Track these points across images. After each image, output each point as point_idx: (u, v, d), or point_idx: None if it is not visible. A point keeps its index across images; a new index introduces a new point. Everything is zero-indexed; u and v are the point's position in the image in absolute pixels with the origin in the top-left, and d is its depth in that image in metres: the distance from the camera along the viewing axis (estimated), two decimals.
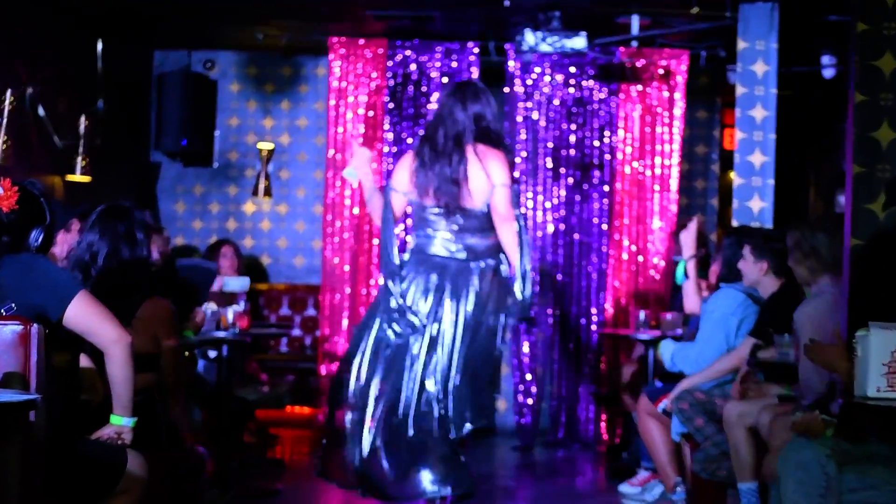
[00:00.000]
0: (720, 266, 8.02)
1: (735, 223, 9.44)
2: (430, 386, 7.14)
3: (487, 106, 7.41)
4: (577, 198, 10.74)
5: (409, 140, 10.72)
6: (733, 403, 6.70)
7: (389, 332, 7.25)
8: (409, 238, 7.72)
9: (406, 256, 7.41)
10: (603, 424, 10.69)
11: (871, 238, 5.42)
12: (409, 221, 8.13)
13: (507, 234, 7.30)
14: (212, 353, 8.59)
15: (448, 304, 7.24)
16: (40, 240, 4.83)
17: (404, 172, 7.42)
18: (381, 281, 7.45)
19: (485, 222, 7.33)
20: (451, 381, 7.14)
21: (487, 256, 7.36)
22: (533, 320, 8.92)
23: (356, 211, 10.70)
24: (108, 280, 5.67)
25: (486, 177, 7.26)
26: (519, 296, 7.27)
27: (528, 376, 10.71)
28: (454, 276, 7.29)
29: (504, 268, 7.41)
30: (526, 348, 10.69)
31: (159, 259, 7.65)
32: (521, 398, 10.71)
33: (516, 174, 10.40)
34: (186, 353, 7.30)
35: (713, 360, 7.44)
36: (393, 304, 7.24)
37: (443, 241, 7.34)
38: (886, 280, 5.20)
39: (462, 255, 7.30)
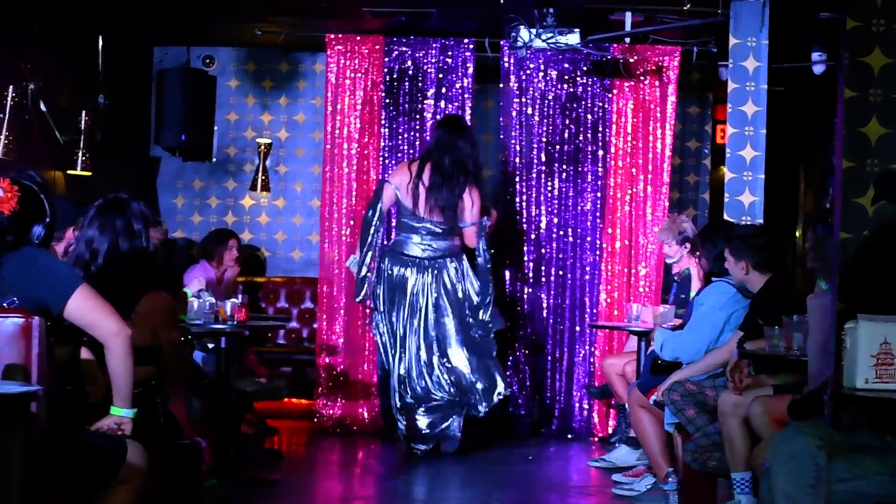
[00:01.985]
0: (707, 266, 8.17)
1: (726, 217, 9.54)
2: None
3: (473, 137, 9.75)
4: (571, 192, 10.80)
5: (405, 135, 10.82)
6: (727, 394, 6.74)
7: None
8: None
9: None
10: (596, 416, 10.75)
11: (862, 232, 5.51)
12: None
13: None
14: (210, 345, 8.66)
15: (419, 294, 9.61)
16: (42, 236, 4.89)
17: (404, 177, 9.61)
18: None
19: (454, 231, 9.63)
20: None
21: (450, 255, 9.65)
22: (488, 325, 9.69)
23: (353, 205, 10.77)
24: (109, 274, 5.66)
25: (471, 204, 9.57)
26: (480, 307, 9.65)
27: (523, 368, 10.81)
28: (423, 270, 9.62)
29: (466, 264, 9.70)
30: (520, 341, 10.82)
31: (159, 245, 7.69)
32: (515, 390, 10.78)
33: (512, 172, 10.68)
34: (183, 339, 7.33)
35: (697, 350, 7.55)
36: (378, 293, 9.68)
37: (418, 244, 9.62)
38: (875, 273, 5.28)
39: (429, 255, 9.62)
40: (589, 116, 10.79)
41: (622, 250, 10.73)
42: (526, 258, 10.79)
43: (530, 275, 10.80)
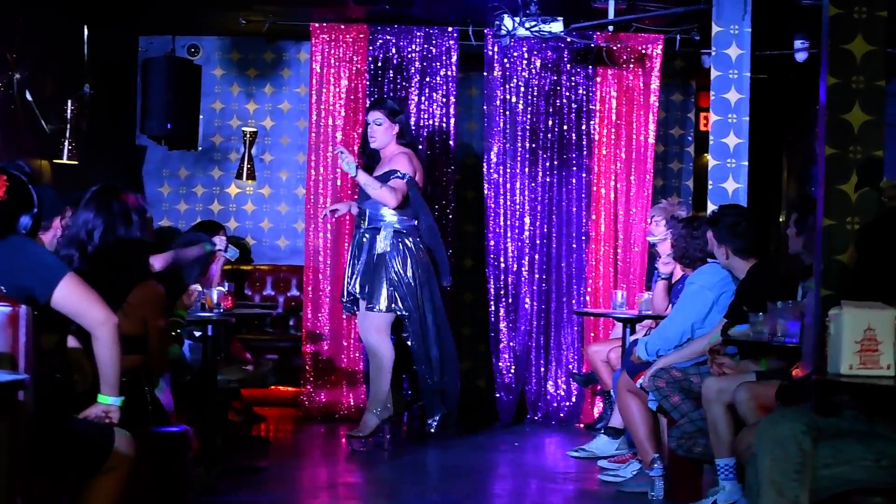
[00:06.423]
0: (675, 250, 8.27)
1: (710, 205, 9.57)
2: None
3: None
4: (555, 180, 10.84)
5: None
6: (712, 380, 6.78)
7: None
8: None
9: None
10: (582, 402, 10.79)
11: (845, 218, 5.55)
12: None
13: None
14: (196, 333, 8.67)
15: None
16: (29, 226, 4.91)
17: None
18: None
19: None
20: None
21: None
22: None
23: (338, 193, 10.78)
24: (104, 257, 5.68)
25: None
26: None
27: (509, 355, 10.84)
28: None
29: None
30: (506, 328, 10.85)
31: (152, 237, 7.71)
32: (501, 377, 10.81)
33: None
34: (174, 333, 7.35)
35: (681, 328, 7.60)
36: None
37: None
38: (859, 260, 5.31)
39: None
40: (573, 104, 10.82)
41: (606, 237, 10.77)
42: (511, 245, 10.81)
43: (514, 262, 10.82)
